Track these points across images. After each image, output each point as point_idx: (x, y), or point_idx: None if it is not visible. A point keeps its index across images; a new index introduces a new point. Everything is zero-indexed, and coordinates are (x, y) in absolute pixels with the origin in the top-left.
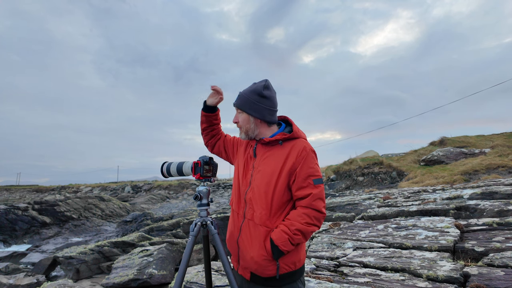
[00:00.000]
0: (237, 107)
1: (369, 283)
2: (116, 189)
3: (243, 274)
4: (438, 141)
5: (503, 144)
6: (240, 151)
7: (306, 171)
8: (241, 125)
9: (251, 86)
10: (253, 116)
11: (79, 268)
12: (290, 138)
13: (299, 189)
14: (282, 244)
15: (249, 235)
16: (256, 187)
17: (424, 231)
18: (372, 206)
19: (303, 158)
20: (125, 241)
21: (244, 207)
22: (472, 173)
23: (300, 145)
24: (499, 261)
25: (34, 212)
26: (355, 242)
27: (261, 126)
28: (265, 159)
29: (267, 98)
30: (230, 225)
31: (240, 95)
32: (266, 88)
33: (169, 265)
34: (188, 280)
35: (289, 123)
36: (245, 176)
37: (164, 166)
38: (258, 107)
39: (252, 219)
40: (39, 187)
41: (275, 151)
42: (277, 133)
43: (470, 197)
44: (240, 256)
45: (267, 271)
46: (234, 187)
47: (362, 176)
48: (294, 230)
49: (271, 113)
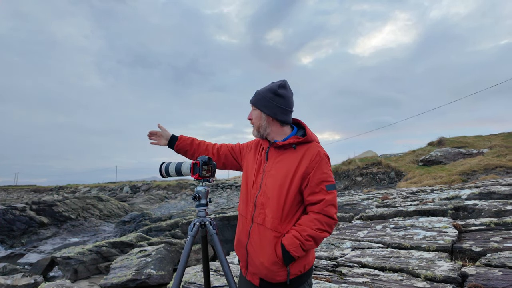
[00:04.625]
0: (252, 103)
1: (368, 283)
2: (115, 189)
3: (252, 280)
4: (436, 141)
5: (501, 145)
6: (249, 155)
7: (319, 176)
8: (254, 121)
9: (269, 85)
10: (265, 113)
11: (77, 269)
12: (303, 142)
13: (311, 194)
14: (294, 250)
15: (259, 240)
16: (268, 191)
17: (422, 231)
18: (371, 206)
19: (317, 163)
20: (123, 242)
21: (253, 211)
22: (470, 173)
23: (314, 150)
24: (496, 261)
25: (32, 213)
26: (353, 242)
27: (272, 124)
28: (278, 163)
29: (281, 96)
30: (238, 230)
31: (256, 92)
32: (282, 87)
33: (168, 266)
34: (186, 281)
35: (302, 126)
36: (255, 179)
37: (163, 166)
38: (271, 105)
39: (263, 224)
40: (37, 187)
41: (288, 154)
42: (290, 136)
43: (468, 197)
44: (249, 262)
45: (277, 277)
46: (242, 192)
47: (361, 176)
48: (306, 235)
49: (284, 112)
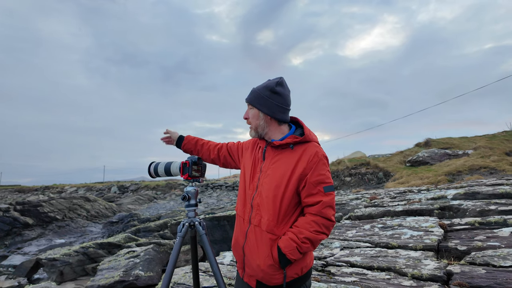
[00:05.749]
0: (248, 102)
1: (356, 282)
2: (102, 190)
3: (249, 281)
4: (423, 142)
5: (485, 146)
6: (246, 155)
7: (316, 177)
8: (251, 121)
9: (265, 82)
10: (263, 112)
11: (63, 270)
12: (301, 142)
13: (308, 195)
14: (290, 253)
15: (255, 242)
16: (264, 191)
17: (409, 231)
18: (359, 206)
19: (315, 164)
20: (111, 243)
21: (250, 212)
22: (455, 174)
23: (312, 150)
24: (480, 259)
25: (16, 213)
26: (342, 242)
27: (270, 123)
28: (275, 163)
29: (279, 94)
30: (236, 231)
31: (252, 90)
32: (280, 84)
33: (156, 267)
34: (175, 282)
35: (300, 125)
36: (252, 180)
37: (152, 166)
38: (269, 103)
39: (259, 225)
40: (21, 187)
41: (285, 154)
42: (288, 136)
43: (454, 197)
44: (246, 263)
45: (274, 280)
46: (240, 192)
47: (350, 177)
48: (303, 238)
49: (282, 110)
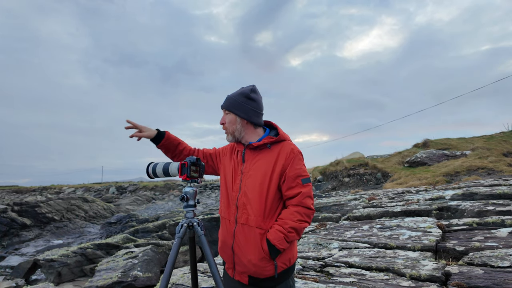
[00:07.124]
0: (224, 108)
1: (354, 283)
2: (100, 190)
3: (240, 279)
4: (421, 143)
5: (483, 147)
6: (225, 160)
7: (294, 171)
8: (227, 126)
9: (239, 90)
10: (240, 117)
11: (61, 271)
12: (277, 141)
13: (289, 189)
14: (279, 243)
15: (245, 239)
16: (249, 191)
17: (407, 231)
18: (358, 207)
19: (291, 160)
20: (109, 243)
21: (235, 212)
22: (453, 175)
23: (288, 147)
24: (478, 260)
25: (14, 214)
26: (340, 242)
27: (247, 127)
28: (256, 163)
29: (254, 100)
30: (222, 233)
31: (228, 97)
32: (253, 91)
33: (155, 267)
34: (174, 282)
35: (274, 127)
36: (234, 182)
37: (150, 167)
38: (245, 108)
39: (246, 223)
40: (19, 188)
41: (264, 154)
42: (264, 137)
43: (452, 198)
44: (236, 262)
45: (266, 272)
46: (222, 195)
47: (348, 177)
48: (288, 228)
49: (257, 115)
